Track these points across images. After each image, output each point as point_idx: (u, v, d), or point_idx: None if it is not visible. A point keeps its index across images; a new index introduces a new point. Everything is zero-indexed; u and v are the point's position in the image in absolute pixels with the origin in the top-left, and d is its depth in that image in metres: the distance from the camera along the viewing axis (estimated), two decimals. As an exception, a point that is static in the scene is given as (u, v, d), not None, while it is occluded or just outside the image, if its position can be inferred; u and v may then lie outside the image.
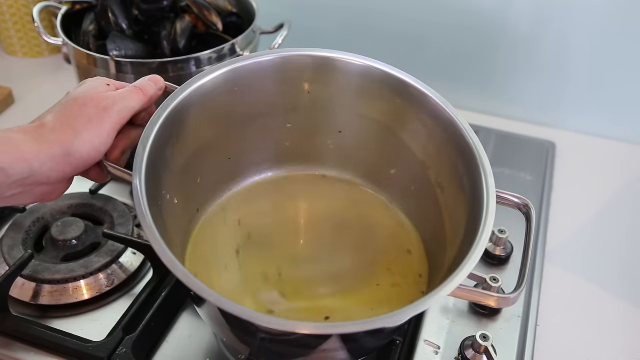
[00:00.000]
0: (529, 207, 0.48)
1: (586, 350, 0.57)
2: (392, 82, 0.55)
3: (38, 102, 0.88)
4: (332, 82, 0.57)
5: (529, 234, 0.46)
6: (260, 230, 0.57)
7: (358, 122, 0.59)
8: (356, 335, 0.41)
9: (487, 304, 0.42)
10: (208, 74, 0.53)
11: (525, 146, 0.81)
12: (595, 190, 0.76)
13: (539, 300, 0.60)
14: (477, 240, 0.43)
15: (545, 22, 0.80)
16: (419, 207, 0.58)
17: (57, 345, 0.53)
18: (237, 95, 0.55)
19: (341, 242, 0.57)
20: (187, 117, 0.51)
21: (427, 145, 0.55)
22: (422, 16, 0.85)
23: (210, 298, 0.38)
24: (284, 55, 0.55)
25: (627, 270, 0.65)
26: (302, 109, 0.58)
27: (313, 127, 0.60)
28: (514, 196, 0.48)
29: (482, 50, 0.85)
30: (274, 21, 0.80)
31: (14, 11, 0.93)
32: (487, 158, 0.48)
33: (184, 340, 0.56)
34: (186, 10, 0.76)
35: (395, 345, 0.54)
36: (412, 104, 0.54)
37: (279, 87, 0.57)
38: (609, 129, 0.85)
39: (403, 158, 0.57)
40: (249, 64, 0.54)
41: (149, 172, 0.45)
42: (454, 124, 0.51)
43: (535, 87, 0.86)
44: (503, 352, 0.54)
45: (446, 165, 0.53)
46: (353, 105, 0.58)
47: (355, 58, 0.56)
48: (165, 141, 0.48)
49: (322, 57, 0.56)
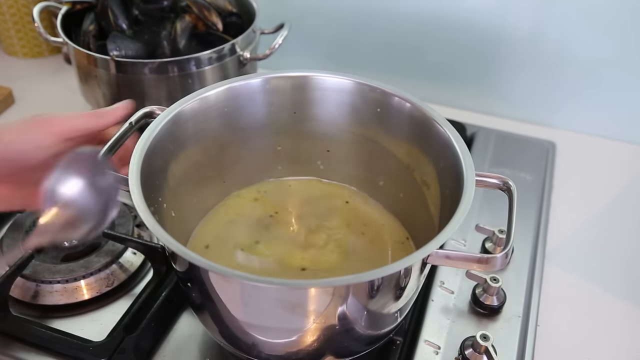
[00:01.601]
0: (509, 185, 0.48)
1: (586, 350, 0.57)
2: (367, 92, 0.56)
3: (38, 102, 0.88)
4: (315, 101, 0.59)
5: (511, 210, 0.46)
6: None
7: (344, 139, 0.60)
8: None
9: (471, 267, 0.43)
10: (200, 94, 0.54)
11: (525, 146, 0.81)
12: (595, 190, 0.76)
13: (539, 300, 0.60)
14: (459, 208, 0.44)
15: (545, 21, 0.80)
16: (409, 210, 0.59)
17: (57, 345, 0.53)
18: (228, 117, 0.57)
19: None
20: (181, 133, 0.53)
21: (408, 148, 0.56)
22: (422, 16, 0.85)
23: (200, 264, 0.39)
24: (266, 78, 0.57)
25: (628, 270, 0.65)
26: (291, 131, 0.60)
27: (302, 149, 0.62)
28: (492, 177, 0.49)
29: (482, 50, 0.85)
30: (274, 21, 0.80)
31: (14, 11, 0.93)
32: (462, 141, 0.50)
33: (184, 340, 0.56)
34: (186, 10, 0.76)
35: (395, 345, 0.54)
36: (388, 109, 0.56)
37: (266, 109, 0.58)
38: (609, 129, 0.85)
39: (389, 167, 0.59)
40: (237, 85, 0.56)
41: (145, 175, 0.46)
42: (425, 115, 0.53)
43: (536, 87, 0.86)
44: (503, 352, 0.54)
45: (427, 161, 0.54)
46: (338, 122, 0.59)
47: (333, 75, 0.57)
48: (160, 153, 0.50)
49: (301, 77, 0.58)
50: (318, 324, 0.43)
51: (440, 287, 0.60)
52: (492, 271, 0.58)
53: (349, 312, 0.43)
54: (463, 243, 0.64)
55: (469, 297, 0.59)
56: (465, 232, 0.65)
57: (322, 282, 0.42)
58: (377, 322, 0.48)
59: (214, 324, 0.48)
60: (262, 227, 0.59)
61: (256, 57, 0.75)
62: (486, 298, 0.58)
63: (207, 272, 0.42)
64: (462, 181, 0.46)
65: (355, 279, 0.40)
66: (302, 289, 0.41)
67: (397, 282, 0.44)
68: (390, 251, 0.57)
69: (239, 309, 0.44)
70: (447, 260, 0.43)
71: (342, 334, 0.46)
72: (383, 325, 0.49)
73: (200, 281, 0.43)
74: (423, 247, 0.42)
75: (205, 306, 0.47)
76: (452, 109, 0.88)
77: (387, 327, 0.50)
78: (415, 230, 0.59)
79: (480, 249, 0.64)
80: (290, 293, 0.42)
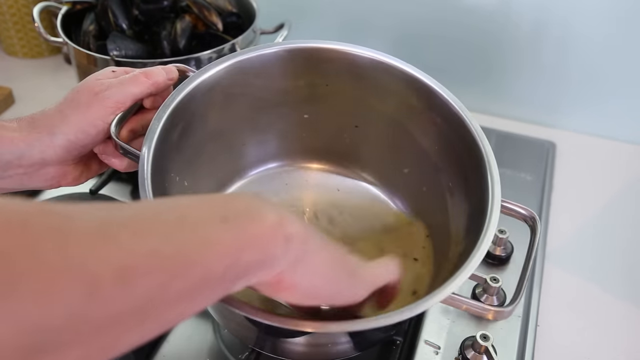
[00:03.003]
0: (535, 220, 0.46)
1: (586, 350, 0.57)
2: (407, 79, 0.54)
3: (38, 102, 0.88)
4: (348, 75, 0.56)
5: (531, 246, 0.45)
6: None
7: (374, 117, 0.58)
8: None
9: (483, 315, 0.42)
10: (223, 61, 0.52)
11: (525, 146, 0.81)
12: (596, 191, 0.76)
13: (539, 301, 0.60)
14: (474, 252, 0.42)
15: (546, 22, 0.80)
16: (427, 207, 0.57)
17: (57, 345, 0.53)
18: (251, 84, 0.55)
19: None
20: (200, 103, 0.52)
21: (439, 147, 0.54)
22: (422, 16, 0.85)
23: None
24: (301, 47, 0.55)
25: (628, 270, 0.65)
26: (319, 101, 0.58)
27: (330, 119, 0.60)
28: (519, 207, 0.47)
29: (483, 50, 0.85)
30: (274, 21, 0.80)
31: (14, 11, 0.93)
32: (495, 165, 0.47)
33: (184, 340, 0.56)
34: (186, 10, 0.76)
35: (396, 345, 0.54)
36: (425, 103, 0.54)
37: (295, 78, 0.56)
38: (609, 129, 0.85)
39: (416, 158, 0.57)
40: (261, 54, 0.54)
41: (158, 151, 0.45)
42: (465, 126, 0.50)
43: (536, 87, 0.86)
44: (503, 352, 0.54)
45: (456, 170, 0.52)
46: (369, 100, 0.57)
47: (371, 52, 0.56)
48: (176, 125, 0.49)
49: (340, 50, 0.55)
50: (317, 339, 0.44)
51: (440, 287, 0.60)
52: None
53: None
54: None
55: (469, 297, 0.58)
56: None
57: (318, 327, 0.38)
58: (375, 335, 0.48)
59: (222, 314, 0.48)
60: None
61: (256, 57, 0.75)
62: (486, 298, 0.58)
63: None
64: (487, 210, 0.44)
65: (351, 326, 0.38)
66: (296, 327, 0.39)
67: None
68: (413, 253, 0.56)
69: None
70: (453, 302, 0.42)
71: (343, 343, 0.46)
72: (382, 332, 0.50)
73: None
74: (430, 297, 0.39)
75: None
76: (452, 109, 0.88)
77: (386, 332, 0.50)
78: (432, 227, 0.57)
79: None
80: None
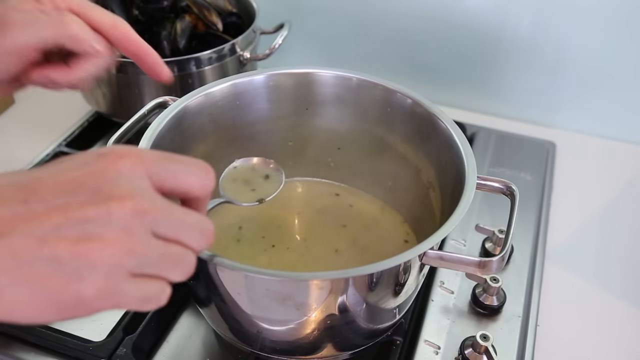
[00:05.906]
0: (512, 189, 0.48)
1: (586, 350, 0.57)
2: (377, 90, 0.57)
3: (38, 102, 0.88)
4: (325, 98, 0.59)
5: (512, 213, 0.46)
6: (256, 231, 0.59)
7: (355, 136, 0.60)
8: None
9: (467, 270, 0.43)
10: (215, 85, 0.54)
11: (525, 146, 0.81)
12: (595, 190, 0.76)
13: (539, 300, 0.60)
14: (456, 210, 0.44)
15: (545, 21, 0.80)
16: (417, 213, 0.59)
17: (57, 345, 0.53)
18: (239, 110, 0.57)
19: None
20: (191, 123, 0.53)
21: (416, 148, 0.56)
22: (422, 15, 0.85)
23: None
24: (270, 74, 0.57)
25: (628, 270, 0.65)
26: (302, 127, 0.60)
27: (313, 144, 0.62)
28: (495, 180, 0.48)
29: (482, 50, 0.85)
30: (274, 21, 0.80)
31: (14, 11, 0.93)
32: (466, 141, 0.50)
33: (184, 340, 0.56)
34: (186, 10, 0.76)
35: (395, 345, 0.54)
36: (397, 108, 0.56)
37: (276, 105, 0.59)
38: (609, 129, 0.85)
39: (398, 168, 0.59)
40: (246, 80, 0.56)
41: None
42: (427, 112, 0.53)
43: (536, 87, 0.86)
44: (503, 352, 0.54)
45: (430, 161, 0.54)
46: (349, 119, 0.59)
47: (338, 72, 0.58)
48: (165, 146, 0.50)
49: (308, 73, 0.58)
50: (317, 315, 0.44)
51: (440, 287, 0.60)
52: (489, 274, 0.58)
53: (347, 304, 0.44)
54: (463, 243, 0.64)
55: (469, 297, 0.59)
56: (465, 232, 0.65)
57: (321, 275, 0.42)
58: (375, 316, 0.48)
59: (219, 317, 0.49)
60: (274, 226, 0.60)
61: (256, 57, 0.75)
62: (486, 298, 0.58)
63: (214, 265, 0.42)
64: (463, 183, 0.46)
65: (342, 274, 0.41)
66: (302, 280, 0.42)
67: (393, 279, 0.44)
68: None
69: (244, 302, 0.45)
70: (441, 261, 0.43)
71: (341, 326, 0.46)
72: (381, 321, 0.49)
73: (207, 275, 0.44)
74: (415, 247, 0.42)
75: (209, 300, 0.48)
76: (452, 109, 0.88)
77: (385, 322, 0.50)
78: (423, 234, 0.58)
79: (480, 249, 0.64)
80: (292, 285, 0.42)
